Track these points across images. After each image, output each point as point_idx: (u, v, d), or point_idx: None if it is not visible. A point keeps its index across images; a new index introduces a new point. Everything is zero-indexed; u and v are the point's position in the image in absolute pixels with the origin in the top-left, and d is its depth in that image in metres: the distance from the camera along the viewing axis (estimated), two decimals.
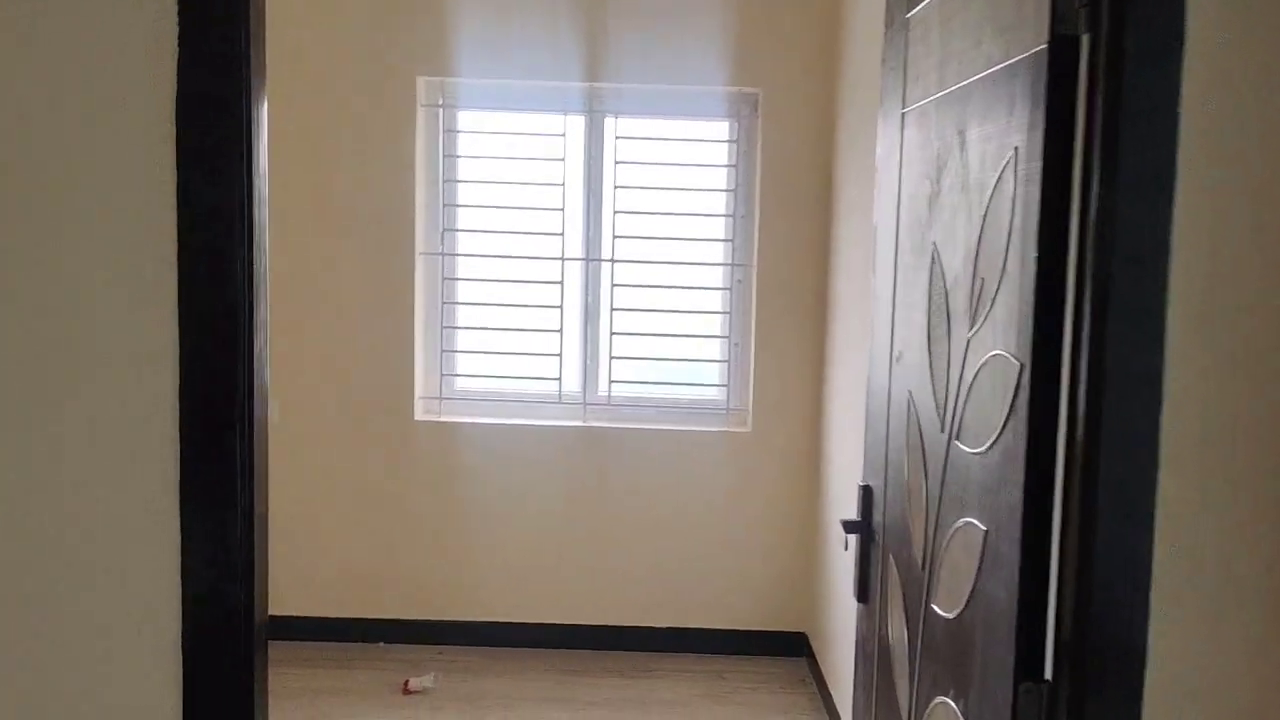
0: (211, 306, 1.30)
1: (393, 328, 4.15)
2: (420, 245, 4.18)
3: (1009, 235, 1.36)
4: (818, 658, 4.05)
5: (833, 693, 3.75)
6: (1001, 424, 1.36)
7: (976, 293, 1.46)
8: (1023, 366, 1.31)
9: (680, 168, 4.23)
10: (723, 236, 4.28)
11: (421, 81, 4.14)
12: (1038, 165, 1.28)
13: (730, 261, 4.27)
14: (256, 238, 1.34)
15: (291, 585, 4.19)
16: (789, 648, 4.26)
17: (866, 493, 2.01)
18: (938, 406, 1.61)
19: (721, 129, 4.29)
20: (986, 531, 1.41)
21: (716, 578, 4.26)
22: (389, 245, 4.13)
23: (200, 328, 1.29)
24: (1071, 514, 1.24)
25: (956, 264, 1.55)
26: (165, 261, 1.33)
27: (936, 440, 1.61)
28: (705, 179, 4.28)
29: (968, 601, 1.46)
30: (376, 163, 4.11)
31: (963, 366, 1.50)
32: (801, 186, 4.12)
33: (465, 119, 4.28)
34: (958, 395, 1.52)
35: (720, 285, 4.30)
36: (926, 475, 1.66)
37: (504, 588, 4.26)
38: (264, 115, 1.38)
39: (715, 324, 4.34)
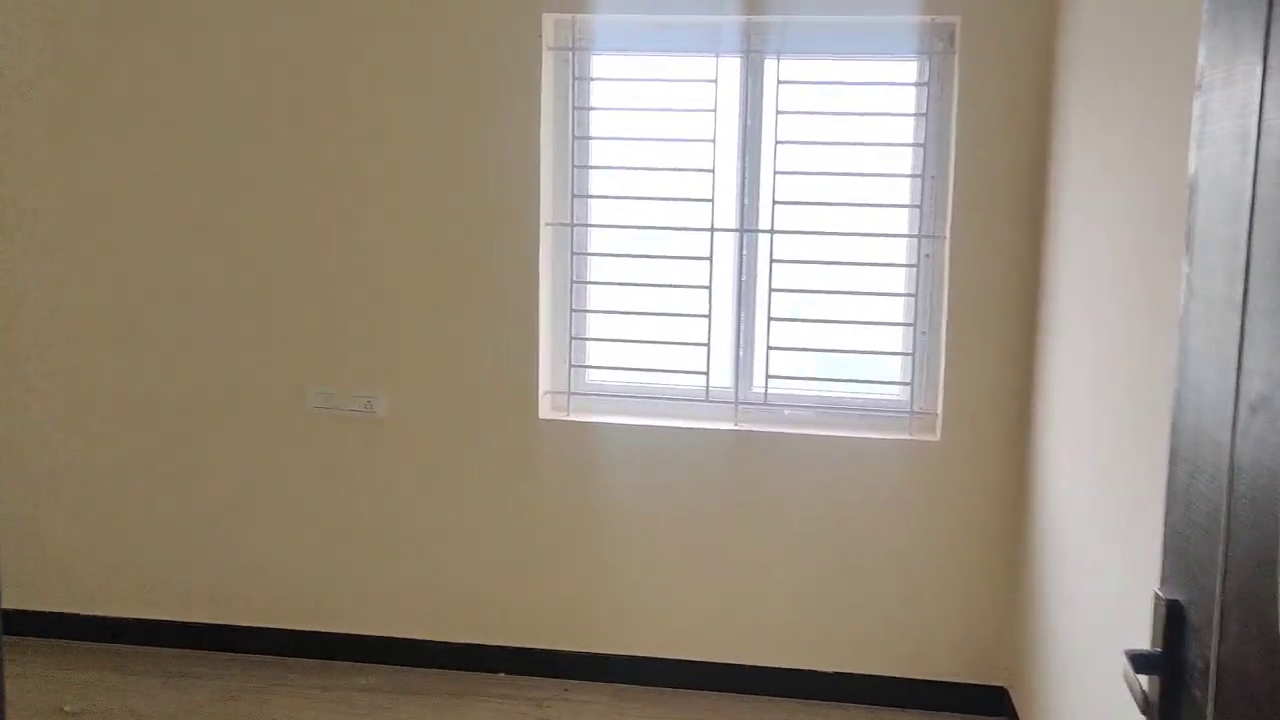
0: None
1: (515, 311, 3.59)
2: (546, 214, 3.60)
3: None
4: (1020, 718, 3.31)
5: None
6: None
7: None
8: None
9: (857, 118, 3.51)
10: (908, 202, 3.52)
11: (549, 19, 3.53)
12: None
13: (917, 233, 3.52)
14: None
15: (399, 604, 3.74)
16: (984, 705, 3.54)
17: (1174, 613, 1.26)
18: None
19: (909, 70, 3.52)
20: None
21: (894, 615, 3.56)
22: (510, 214, 3.57)
23: None
24: None
25: None
26: None
27: None
28: (888, 131, 3.54)
29: None
30: (496, 117, 3.54)
31: None
32: (1009, 138, 3.33)
33: (599, 64, 3.65)
34: None
35: (904, 262, 3.55)
36: None
37: (639, 617, 3.67)
38: None
39: (898, 309, 3.59)
